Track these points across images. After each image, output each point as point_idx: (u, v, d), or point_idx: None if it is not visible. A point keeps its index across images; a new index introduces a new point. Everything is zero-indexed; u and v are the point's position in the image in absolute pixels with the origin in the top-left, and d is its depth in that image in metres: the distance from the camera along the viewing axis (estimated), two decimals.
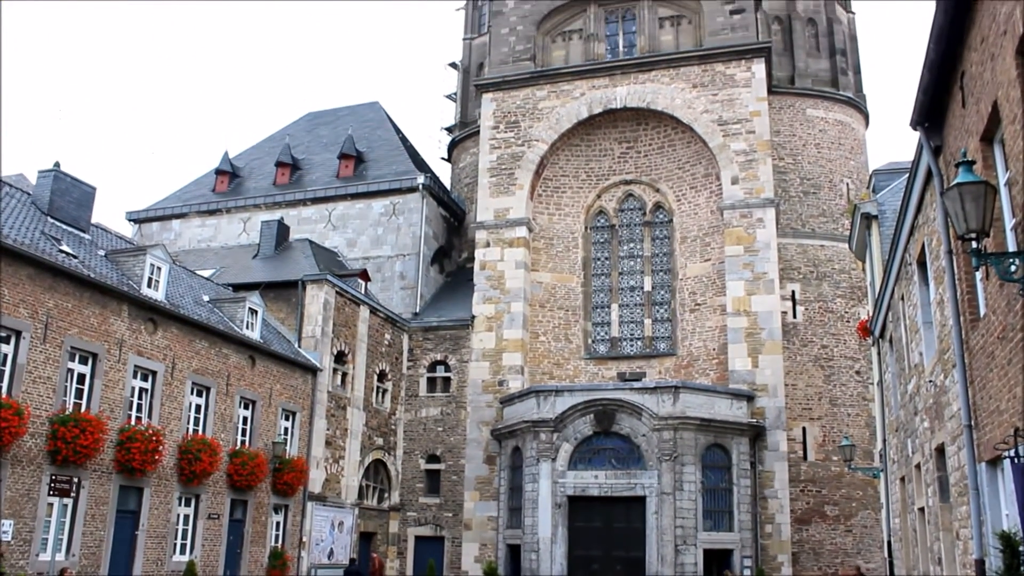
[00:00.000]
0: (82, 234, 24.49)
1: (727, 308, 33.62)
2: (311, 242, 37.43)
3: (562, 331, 36.65)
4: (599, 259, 37.89)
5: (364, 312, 33.93)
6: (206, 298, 27.99)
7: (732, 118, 35.05)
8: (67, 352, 20.35)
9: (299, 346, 30.61)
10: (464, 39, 47.39)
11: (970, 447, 9.86)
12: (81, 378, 21.00)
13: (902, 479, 17.57)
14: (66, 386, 20.44)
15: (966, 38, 9.01)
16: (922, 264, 13.38)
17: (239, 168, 44.78)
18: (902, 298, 15.80)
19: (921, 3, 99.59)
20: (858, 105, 38.89)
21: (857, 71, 40.23)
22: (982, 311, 9.36)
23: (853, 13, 41.74)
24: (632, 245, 37.68)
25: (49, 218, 23.44)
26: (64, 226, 23.84)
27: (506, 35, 39.69)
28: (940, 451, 12.57)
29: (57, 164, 24.36)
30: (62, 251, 21.44)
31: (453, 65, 47.87)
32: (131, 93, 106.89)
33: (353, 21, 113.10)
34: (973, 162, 7.66)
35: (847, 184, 36.70)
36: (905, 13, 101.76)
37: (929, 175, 11.68)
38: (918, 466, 14.89)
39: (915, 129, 11.27)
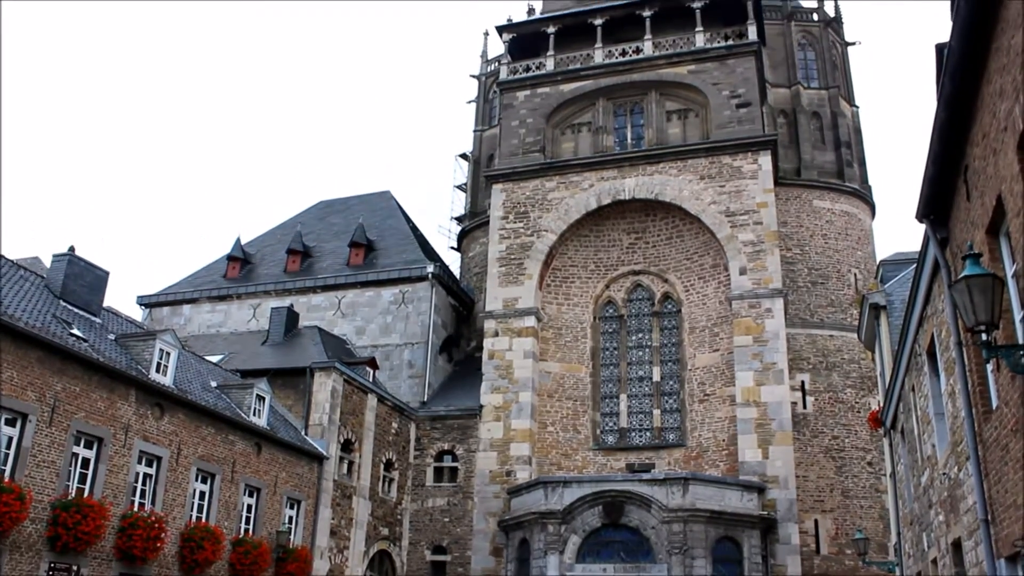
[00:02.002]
0: (93, 318, 24.62)
1: (736, 398, 33.38)
2: (320, 329, 37.52)
3: (570, 421, 36.37)
4: (608, 349, 37.82)
5: (372, 400, 33.78)
6: (214, 384, 27.94)
7: (740, 209, 35.40)
8: (73, 436, 20.24)
9: (306, 434, 30.40)
10: (475, 131, 48.35)
11: (988, 542, 9.66)
12: (85, 463, 20.83)
13: (918, 574, 17.17)
14: (70, 470, 20.26)
15: (968, 133, 9.17)
16: (932, 355, 13.33)
17: (251, 254, 45.21)
18: (913, 389, 15.70)
19: (924, 98, 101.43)
20: (864, 196, 39.35)
21: (862, 163, 40.84)
22: (994, 403, 9.28)
23: (857, 106, 42.60)
24: (641, 335, 37.65)
25: (61, 301, 23.60)
26: (76, 309, 23.98)
27: (516, 127, 40.48)
28: (957, 546, 12.31)
29: (72, 248, 24.66)
30: (73, 335, 21.53)
31: (464, 156, 48.70)
32: (149, 179, 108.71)
33: (366, 113, 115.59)
34: (980, 255, 7.73)
35: (855, 274, 36.85)
36: (908, 107, 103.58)
37: (936, 266, 11.74)
38: (935, 561, 14.56)
39: (921, 221, 11.37)
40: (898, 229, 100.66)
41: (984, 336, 7.35)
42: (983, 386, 9.83)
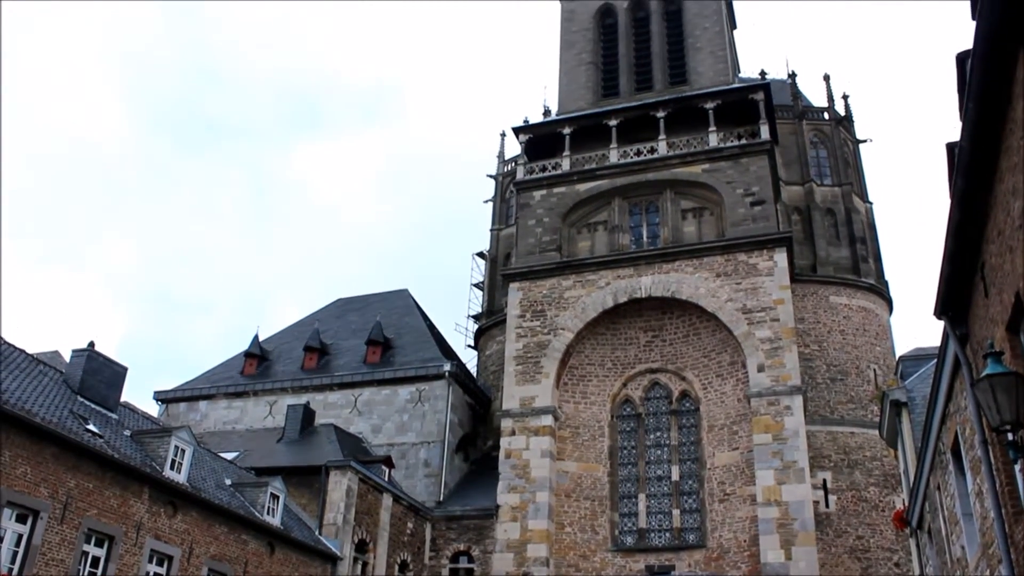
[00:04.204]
0: (110, 413, 24.63)
1: (757, 498, 32.71)
2: (336, 427, 37.30)
3: (588, 522, 35.66)
4: (626, 448, 37.34)
5: (387, 500, 33.32)
6: (228, 482, 27.70)
7: (756, 306, 35.36)
8: (84, 534, 20.00)
9: (320, 533, 29.93)
10: (491, 230, 48.90)
11: None
12: (95, 561, 20.52)
13: None
14: (79, 569, 19.95)
15: (983, 230, 9.20)
16: (956, 453, 13.09)
17: (268, 351, 45.33)
18: (938, 488, 15.36)
19: (937, 194, 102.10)
20: (881, 291, 39.32)
21: (878, 258, 40.96)
22: None
23: (871, 202, 42.99)
24: (659, 434, 37.19)
25: (79, 397, 23.66)
26: (93, 405, 24.02)
27: (532, 226, 40.91)
28: None
29: (91, 344, 24.86)
30: (88, 430, 21.51)
31: (481, 255, 49.13)
32: (171, 276, 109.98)
33: (385, 212, 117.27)
34: (1001, 353, 7.68)
35: (874, 370, 36.53)
36: (922, 202, 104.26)
37: (957, 363, 11.63)
38: None
39: (939, 318, 11.32)
40: (917, 324, 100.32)
41: (1010, 436, 7.24)
42: (1011, 486, 9.62)
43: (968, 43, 7.96)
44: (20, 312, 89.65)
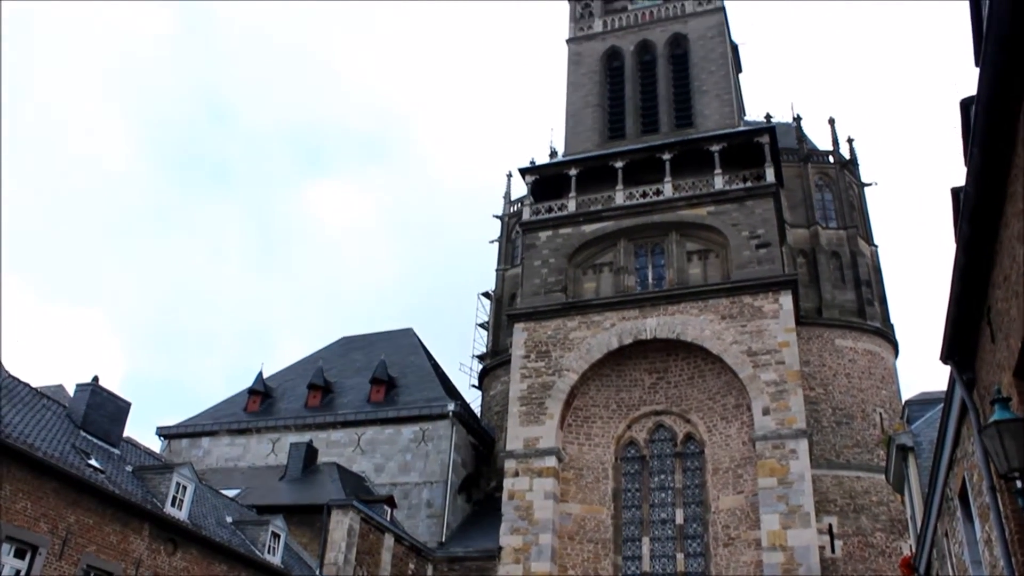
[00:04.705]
0: (112, 449, 24.54)
1: (762, 542, 32.34)
2: (339, 466, 37.11)
3: (591, 565, 35.27)
4: (629, 490, 37.04)
5: (389, 540, 33.05)
6: (229, 519, 27.52)
7: (761, 349, 35.24)
8: (82, 570, 19.83)
9: (320, 573, 29.65)
10: (497, 270, 48.98)
11: None
12: None
13: None
14: None
15: (989, 275, 9.19)
16: (964, 499, 12.97)
17: (272, 389, 45.25)
18: (946, 535, 15.20)
19: (943, 237, 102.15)
20: (886, 335, 39.22)
21: (883, 301, 40.91)
22: None
23: (876, 246, 43.04)
24: (663, 476, 36.91)
25: (82, 431, 23.60)
26: (95, 440, 23.94)
27: (538, 267, 40.97)
28: None
29: (95, 379, 24.85)
30: (90, 466, 21.43)
31: (486, 295, 49.17)
32: (177, 313, 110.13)
33: (391, 251, 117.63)
34: (1008, 398, 7.64)
35: (880, 414, 36.32)
36: (927, 246, 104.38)
37: (964, 408, 11.56)
38: None
39: (946, 363, 11.29)
40: (923, 367, 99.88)
41: (1019, 483, 7.18)
42: (1021, 534, 9.50)
43: (972, 88, 8.03)
44: (25, 346, 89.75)
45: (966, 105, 10.34)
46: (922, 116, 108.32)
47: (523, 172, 43.93)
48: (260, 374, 45.37)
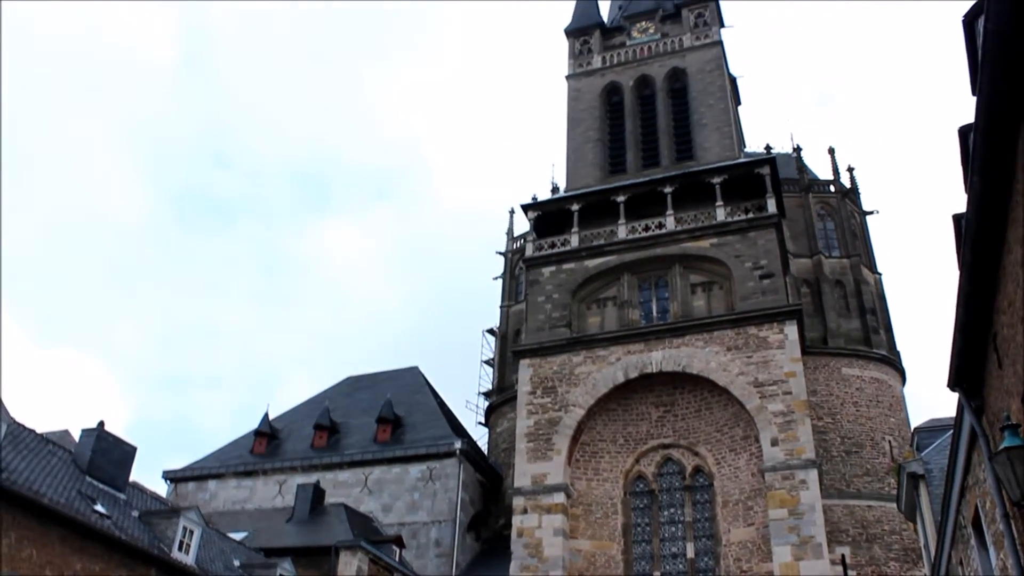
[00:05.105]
0: (118, 494, 24.43)
1: (775, 574, 32.00)
2: (346, 507, 36.86)
3: None
4: (639, 525, 36.71)
5: None
6: (237, 563, 27.31)
7: (768, 379, 35.10)
8: None
9: None
10: (501, 306, 48.97)
11: None
12: None
13: None
14: None
15: (994, 301, 9.19)
16: (978, 527, 12.85)
17: (278, 430, 45.12)
18: (960, 563, 15.04)
19: (947, 263, 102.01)
20: (893, 362, 39.10)
21: (888, 329, 40.82)
22: None
23: (880, 273, 43.04)
24: (673, 510, 36.59)
25: (87, 477, 23.51)
26: (101, 485, 23.84)
27: (542, 302, 40.95)
28: None
29: (101, 423, 24.80)
30: (96, 511, 21.32)
31: (491, 331, 49.12)
32: (182, 354, 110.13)
33: (395, 290, 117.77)
34: (1018, 425, 7.60)
35: (889, 442, 36.12)
36: (932, 272, 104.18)
37: (974, 435, 11.50)
38: None
39: (953, 390, 11.25)
40: (931, 394, 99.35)
41: None
42: None
43: (970, 115, 8.08)
44: (31, 391, 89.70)
45: (964, 132, 10.41)
46: (921, 143, 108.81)
47: (525, 208, 44.07)
48: (266, 415, 45.28)
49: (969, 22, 9.48)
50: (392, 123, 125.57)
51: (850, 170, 46.48)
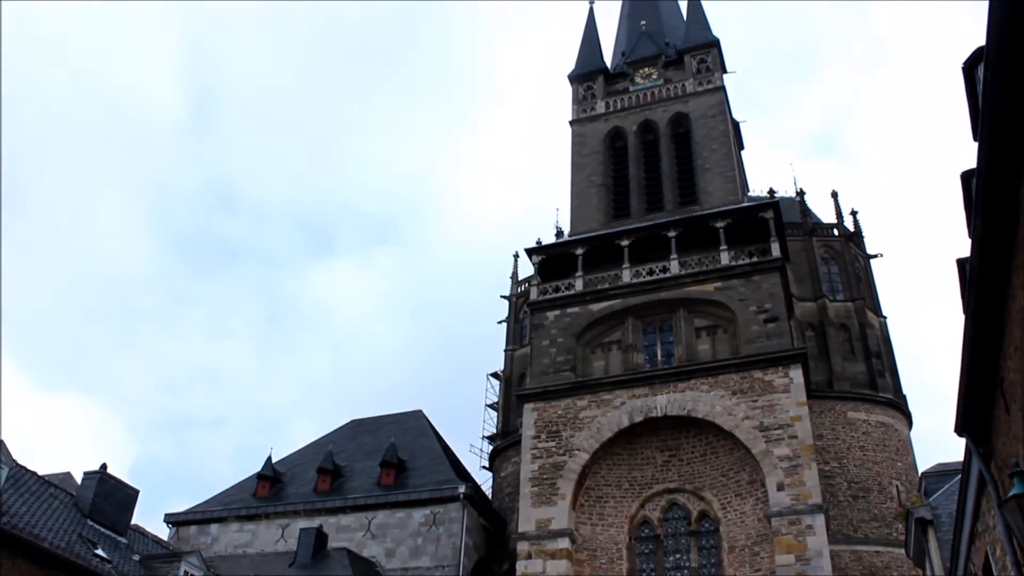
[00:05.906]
0: (120, 537, 24.28)
1: None
2: (349, 552, 36.55)
3: None
4: (644, 571, 36.29)
5: None
6: None
7: (773, 423, 34.91)
8: None
9: None
10: (505, 350, 48.91)
11: None
12: None
13: None
14: None
15: (1000, 346, 9.18)
16: (988, 574, 12.71)
17: (281, 473, 44.85)
18: None
19: (952, 307, 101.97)
20: (899, 406, 38.94)
21: (894, 372, 40.70)
22: None
23: (884, 317, 43.01)
24: (678, 556, 36.19)
25: (89, 520, 23.38)
26: (103, 529, 23.71)
27: (547, 346, 40.88)
28: None
29: (103, 466, 24.72)
30: (97, 555, 21.17)
31: (495, 375, 49.00)
32: (185, 397, 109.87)
33: (400, 334, 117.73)
34: None
35: (896, 486, 35.83)
36: (937, 316, 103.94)
37: (982, 481, 11.42)
38: None
39: (961, 435, 11.19)
40: (938, 438, 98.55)
41: None
42: None
43: (972, 160, 8.14)
44: (33, 434, 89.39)
45: (967, 177, 10.48)
46: (924, 187, 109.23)
47: (530, 252, 44.18)
48: (269, 459, 45.03)
49: (968, 69, 9.59)
50: (396, 167, 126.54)
51: (853, 214, 46.68)
